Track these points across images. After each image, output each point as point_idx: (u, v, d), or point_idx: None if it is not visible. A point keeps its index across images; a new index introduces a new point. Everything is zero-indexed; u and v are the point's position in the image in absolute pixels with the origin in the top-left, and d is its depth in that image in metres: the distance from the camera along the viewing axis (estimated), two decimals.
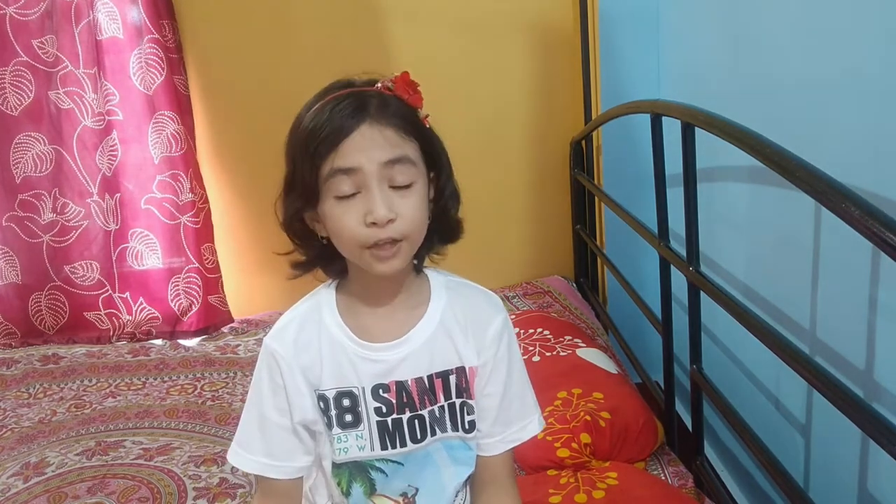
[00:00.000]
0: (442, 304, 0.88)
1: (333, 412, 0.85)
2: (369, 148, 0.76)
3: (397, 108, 0.79)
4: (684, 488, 1.39)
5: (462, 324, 0.88)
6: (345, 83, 0.82)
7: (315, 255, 0.86)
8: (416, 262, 0.88)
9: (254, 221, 2.46)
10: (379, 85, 0.81)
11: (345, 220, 0.77)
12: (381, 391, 0.85)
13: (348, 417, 0.86)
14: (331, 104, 0.78)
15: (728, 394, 1.34)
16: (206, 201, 2.42)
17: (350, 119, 0.76)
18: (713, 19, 1.75)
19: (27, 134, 2.34)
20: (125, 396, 2.01)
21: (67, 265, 2.42)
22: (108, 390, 2.06)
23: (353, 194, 0.77)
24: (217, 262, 2.46)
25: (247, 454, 0.88)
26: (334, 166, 0.76)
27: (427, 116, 0.83)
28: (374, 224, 0.76)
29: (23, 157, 2.36)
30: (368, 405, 0.85)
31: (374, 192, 0.76)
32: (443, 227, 0.86)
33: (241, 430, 0.89)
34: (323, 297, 0.89)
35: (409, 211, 0.78)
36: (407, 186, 0.78)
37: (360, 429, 0.86)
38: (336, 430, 0.86)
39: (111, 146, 2.35)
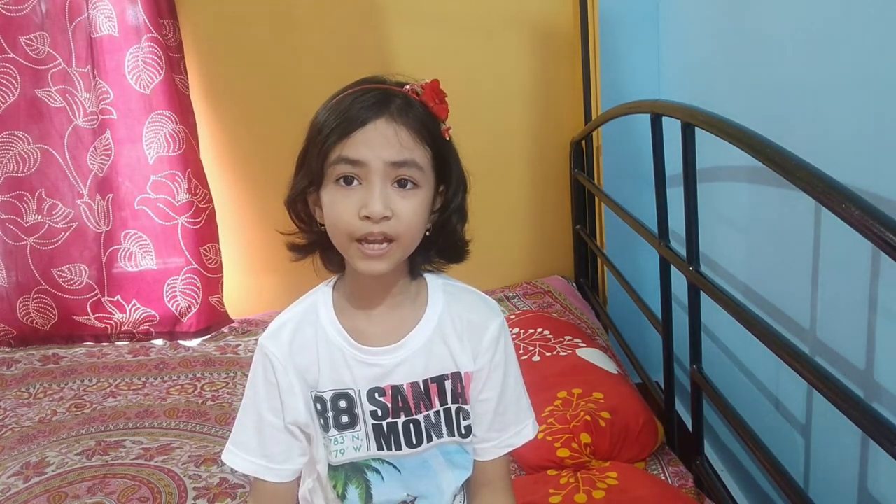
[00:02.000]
0: (439, 309, 0.87)
1: (330, 413, 0.85)
2: (379, 144, 0.76)
3: (419, 112, 0.79)
4: (684, 488, 1.39)
5: (458, 329, 0.87)
6: (377, 79, 0.82)
7: (312, 240, 0.86)
8: (411, 268, 0.87)
9: (257, 221, 2.46)
10: (407, 87, 0.81)
11: (340, 207, 0.77)
12: (376, 395, 0.85)
13: (345, 419, 0.85)
14: (355, 94, 0.78)
15: (728, 394, 1.34)
16: (210, 201, 2.41)
17: (368, 111, 0.76)
18: (713, 19, 1.75)
19: (10, 133, 2.30)
20: (125, 396, 2.01)
21: (55, 268, 2.37)
22: (108, 390, 2.06)
23: (354, 184, 0.77)
24: (220, 262, 2.44)
25: (243, 454, 0.88)
26: (342, 154, 0.76)
27: (449, 129, 0.82)
28: (367, 218, 0.75)
29: (5, 157, 2.31)
30: (364, 408, 0.85)
31: (374, 187, 0.76)
32: (444, 242, 0.86)
33: (236, 431, 0.89)
34: (320, 298, 0.88)
35: (405, 212, 0.77)
36: (410, 188, 0.77)
37: (356, 430, 0.86)
38: (333, 431, 0.86)
39: (104, 146, 2.32)
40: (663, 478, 1.43)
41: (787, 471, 1.13)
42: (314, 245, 0.86)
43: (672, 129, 1.43)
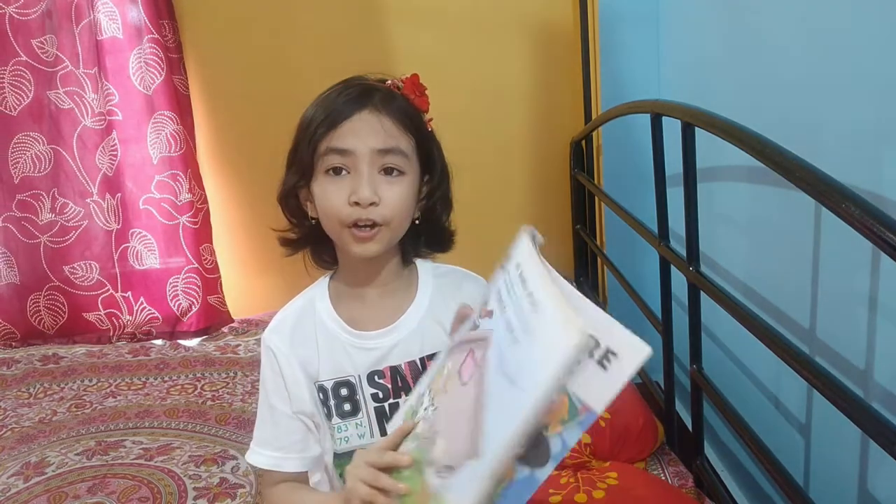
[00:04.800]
0: (430, 292, 0.91)
1: (332, 402, 0.88)
2: (365, 133, 0.80)
3: (401, 104, 0.83)
4: (684, 488, 1.39)
5: (451, 307, 0.89)
6: (359, 78, 0.87)
7: (304, 234, 0.90)
8: (402, 256, 0.90)
9: (254, 221, 2.46)
10: (389, 82, 0.85)
11: (331, 196, 0.81)
12: (376, 377, 0.88)
13: (347, 406, 0.88)
14: (339, 90, 0.83)
15: (728, 394, 1.34)
16: (206, 201, 2.42)
17: (353, 104, 0.81)
18: (713, 19, 1.75)
19: (26, 134, 2.34)
20: (125, 396, 2.01)
21: (66, 265, 2.41)
22: (108, 390, 2.06)
23: (343, 173, 0.81)
24: (216, 262, 2.46)
25: (261, 450, 0.90)
26: (330, 145, 0.80)
27: (431, 120, 0.87)
28: (356, 204, 0.79)
29: (21, 157, 2.36)
30: (365, 392, 0.88)
31: (362, 175, 0.80)
32: (430, 231, 0.90)
33: (256, 429, 0.92)
34: (317, 292, 0.92)
35: (393, 197, 0.81)
36: (396, 175, 0.81)
37: (358, 417, 0.88)
38: (336, 419, 0.88)
39: (111, 146, 2.35)
40: (663, 478, 1.43)
41: (787, 471, 1.13)
42: (306, 239, 0.90)
43: (672, 129, 1.43)
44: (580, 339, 0.55)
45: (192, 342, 2.37)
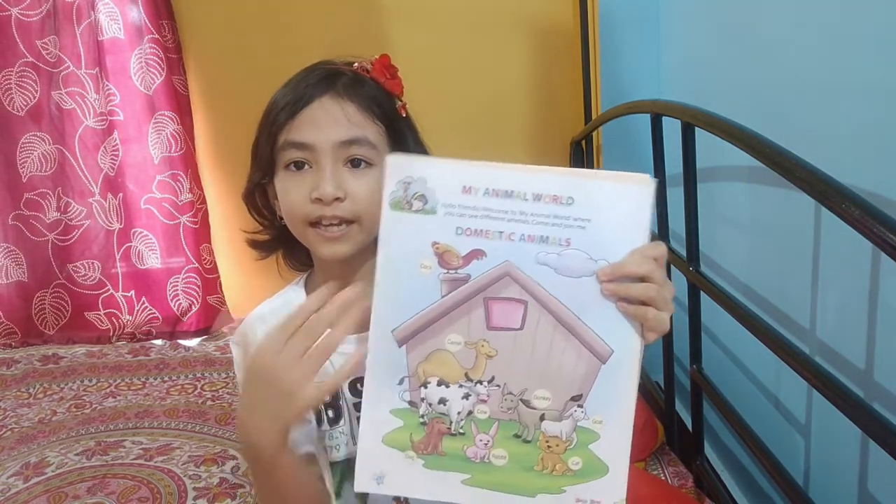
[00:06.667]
0: None
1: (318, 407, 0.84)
2: (325, 124, 0.73)
3: (370, 89, 0.77)
4: (684, 488, 1.39)
5: None
6: (326, 62, 0.81)
7: (275, 235, 0.84)
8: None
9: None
10: (356, 65, 0.80)
11: (292, 193, 0.75)
12: (358, 385, 0.83)
13: (330, 413, 0.84)
14: (301, 75, 0.77)
15: (728, 394, 1.34)
16: (204, 202, 2.43)
17: (313, 89, 0.75)
18: (713, 19, 1.75)
19: (33, 134, 2.36)
20: (125, 396, 2.01)
21: (70, 264, 2.43)
22: (108, 390, 2.06)
23: (305, 168, 0.74)
24: (215, 262, 2.47)
25: None
26: (288, 138, 0.74)
27: (405, 105, 0.80)
28: (319, 200, 0.73)
29: (28, 157, 2.38)
30: (347, 400, 0.84)
31: (324, 169, 0.73)
32: None
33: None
34: (292, 295, 0.86)
35: (360, 191, 0.73)
36: (364, 167, 0.74)
37: (341, 425, 0.84)
38: (325, 426, 0.85)
39: (113, 146, 2.36)
40: (663, 478, 1.43)
41: (788, 471, 1.13)
42: (277, 241, 0.84)
43: (672, 129, 1.43)
44: (650, 181, 0.59)
45: (192, 342, 2.37)
